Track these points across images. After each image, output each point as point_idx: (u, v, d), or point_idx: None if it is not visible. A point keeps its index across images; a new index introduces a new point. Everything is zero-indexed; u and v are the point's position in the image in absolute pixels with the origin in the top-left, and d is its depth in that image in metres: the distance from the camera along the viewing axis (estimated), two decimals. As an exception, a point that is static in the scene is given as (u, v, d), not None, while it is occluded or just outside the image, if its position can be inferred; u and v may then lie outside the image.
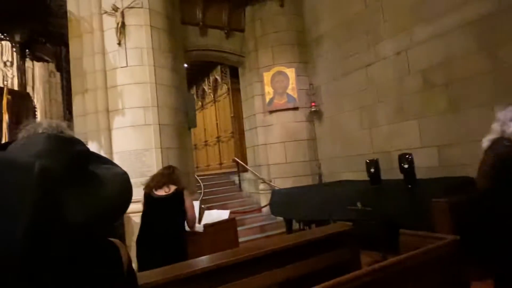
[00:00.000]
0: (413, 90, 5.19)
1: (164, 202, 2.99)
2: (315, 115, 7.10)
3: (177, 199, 2.99)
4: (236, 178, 8.60)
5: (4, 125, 3.68)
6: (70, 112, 6.09)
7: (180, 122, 5.74)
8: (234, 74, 8.85)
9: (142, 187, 3.11)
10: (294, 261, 2.23)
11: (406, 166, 3.86)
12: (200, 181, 7.52)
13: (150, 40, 5.28)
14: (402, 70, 5.33)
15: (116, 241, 0.80)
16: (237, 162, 8.41)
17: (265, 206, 6.68)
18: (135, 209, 3.56)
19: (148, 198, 3.04)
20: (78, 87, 5.48)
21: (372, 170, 4.23)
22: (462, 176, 4.19)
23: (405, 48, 5.27)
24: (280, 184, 6.89)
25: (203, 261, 2.18)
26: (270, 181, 7.12)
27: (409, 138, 5.24)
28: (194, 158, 7.65)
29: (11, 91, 3.94)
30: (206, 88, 10.81)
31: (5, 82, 4.85)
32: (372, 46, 5.84)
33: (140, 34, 5.24)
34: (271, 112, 7.16)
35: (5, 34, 5.61)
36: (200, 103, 11.20)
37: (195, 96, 10.80)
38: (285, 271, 2.16)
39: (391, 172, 4.92)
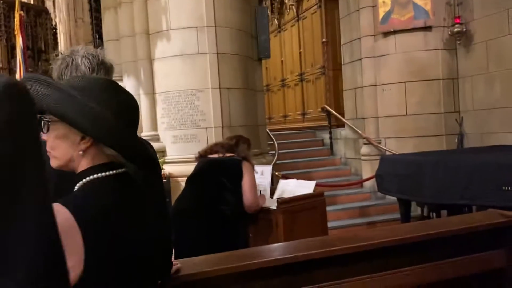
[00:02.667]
0: None
1: (215, 165, 3.28)
2: (460, 38, 6.66)
3: (232, 167, 3.22)
4: (326, 136, 8.58)
5: (18, 51, 4.06)
6: (100, 36, 6.50)
7: (247, 51, 5.81)
8: (329, -25, 8.51)
9: (194, 142, 3.29)
10: (412, 263, 2.18)
11: None
12: (273, 137, 7.65)
13: None
14: None
15: None
16: (329, 113, 8.34)
17: (369, 178, 6.62)
18: (185, 172, 3.81)
19: (198, 161, 3.41)
20: (108, -1, 5.79)
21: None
22: None
23: None
24: (395, 147, 6.74)
25: (273, 250, 2.24)
26: (379, 143, 7.00)
27: None
28: (265, 105, 7.74)
29: (24, 5, 4.29)
30: (285, -2, 10.62)
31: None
32: None
33: None
34: (386, 34, 6.87)
35: None
36: (276, 21, 11.08)
37: (269, 12, 10.70)
38: (396, 278, 2.13)
39: None
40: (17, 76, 3.94)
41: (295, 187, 3.78)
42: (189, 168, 3.50)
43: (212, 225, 3.06)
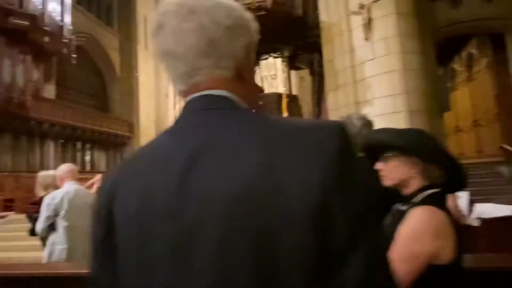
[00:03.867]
0: None
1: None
2: None
3: None
4: (504, 170, 6.82)
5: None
6: (320, 109, 6.85)
7: (430, 107, 5.19)
8: (496, 44, 7.05)
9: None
10: None
11: None
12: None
13: (396, 28, 5.06)
14: None
15: None
16: (506, 150, 6.64)
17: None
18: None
19: None
20: (331, 85, 6.06)
21: None
22: None
23: None
24: None
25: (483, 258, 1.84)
26: None
27: None
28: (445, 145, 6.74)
29: (287, 95, 4.89)
30: (456, 66, 9.25)
31: (284, 88, 6.13)
32: None
33: (387, 24, 5.11)
34: None
35: (278, 53, 7.04)
36: (448, 85, 9.71)
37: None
38: None
39: None
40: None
41: (494, 209, 3.06)
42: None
43: None
